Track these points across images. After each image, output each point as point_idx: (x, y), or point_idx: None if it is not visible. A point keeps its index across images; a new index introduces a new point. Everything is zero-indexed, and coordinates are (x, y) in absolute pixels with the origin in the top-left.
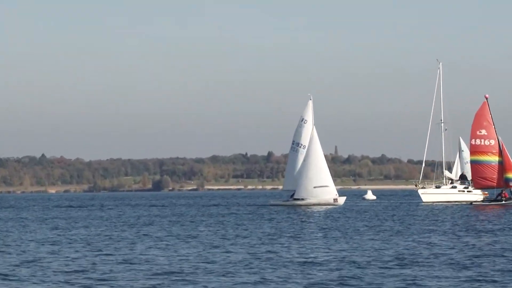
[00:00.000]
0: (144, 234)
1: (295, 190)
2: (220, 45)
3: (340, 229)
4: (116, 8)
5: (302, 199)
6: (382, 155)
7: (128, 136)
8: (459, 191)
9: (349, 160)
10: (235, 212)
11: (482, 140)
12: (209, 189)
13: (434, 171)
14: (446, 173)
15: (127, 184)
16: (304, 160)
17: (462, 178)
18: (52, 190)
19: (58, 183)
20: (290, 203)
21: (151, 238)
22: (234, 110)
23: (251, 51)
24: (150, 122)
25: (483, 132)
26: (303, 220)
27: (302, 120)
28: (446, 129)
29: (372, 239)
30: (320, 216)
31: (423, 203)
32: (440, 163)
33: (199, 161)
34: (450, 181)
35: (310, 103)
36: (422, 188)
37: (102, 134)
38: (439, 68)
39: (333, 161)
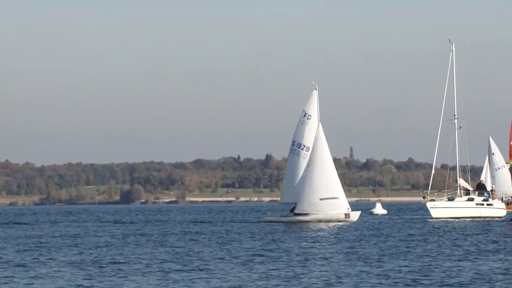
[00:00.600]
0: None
1: (296, 203)
2: (205, 29)
3: (274, 252)
4: None
5: (305, 214)
6: (409, 159)
7: (90, 136)
8: (477, 204)
9: (367, 165)
10: (199, 231)
11: None
12: (191, 202)
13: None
14: (461, 181)
15: (88, 195)
16: (308, 166)
17: (480, 188)
18: None
19: (2, 193)
20: (290, 220)
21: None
22: (224, 104)
23: (244, 33)
24: (118, 118)
25: None
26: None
27: (304, 115)
28: (460, 127)
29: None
30: (286, 236)
31: (432, 220)
32: (453, 169)
33: (180, 166)
34: (465, 192)
35: (315, 93)
36: (431, 200)
37: (57, 133)
38: (451, 50)
39: (347, 166)
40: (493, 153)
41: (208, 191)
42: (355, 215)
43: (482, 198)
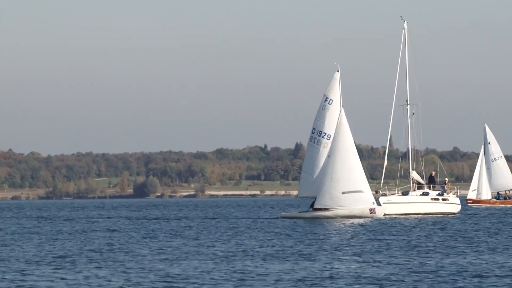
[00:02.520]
0: None
1: (315, 198)
2: (227, 9)
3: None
4: None
5: (326, 209)
6: (455, 148)
7: (102, 123)
8: (432, 199)
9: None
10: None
11: None
12: (211, 196)
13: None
14: (413, 174)
15: (99, 188)
16: (329, 155)
17: (431, 181)
18: None
19: (4, 186)
20: (309, 215)
21: None
22: (249, 88)
23: (266, 13)
24: (133, 104)
25: None
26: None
27: (325, 100)
28: (413, 113)
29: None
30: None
31: (385, 216)
32: (404, 158)
33: (200, 156)
34: (418, 185)
35: (337, 75)
36: (382, 195)
37: (65, 120)
38: (404, 28)
39: (386, 156)
40: (489, 143)
41: (230, 184)
42: (381, 211)
43: (437, 192)
